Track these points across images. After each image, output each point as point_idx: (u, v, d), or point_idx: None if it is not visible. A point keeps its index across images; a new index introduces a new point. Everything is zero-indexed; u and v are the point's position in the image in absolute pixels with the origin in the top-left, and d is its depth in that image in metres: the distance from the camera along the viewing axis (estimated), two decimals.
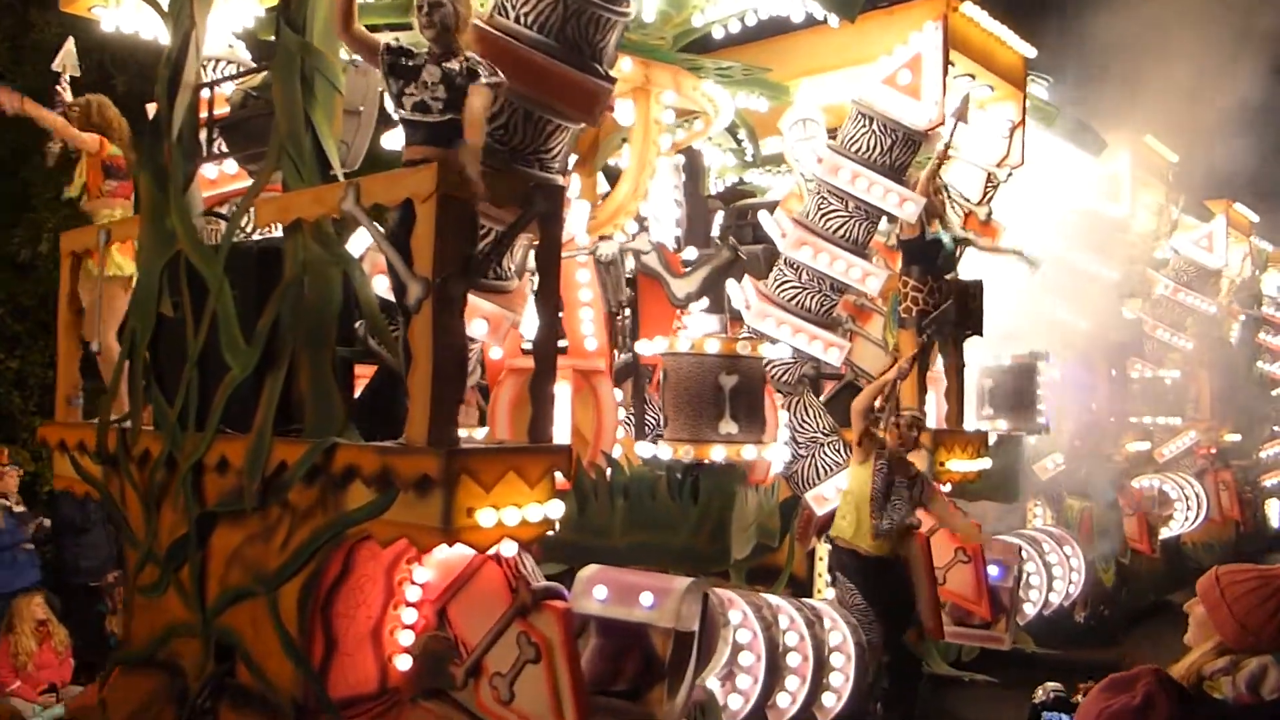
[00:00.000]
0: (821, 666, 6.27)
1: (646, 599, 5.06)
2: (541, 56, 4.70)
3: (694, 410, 6.23)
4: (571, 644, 4.52)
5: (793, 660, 6.19)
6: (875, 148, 7.38)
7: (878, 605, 6.90)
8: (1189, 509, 12.93)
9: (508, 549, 4.59)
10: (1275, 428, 18.16)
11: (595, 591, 5.16)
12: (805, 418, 7.78)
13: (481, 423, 6.67)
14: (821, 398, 8.38)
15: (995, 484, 9.73)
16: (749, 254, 8.17)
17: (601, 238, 7.11)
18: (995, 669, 9.24)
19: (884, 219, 7.82)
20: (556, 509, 4.44)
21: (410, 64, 4.39)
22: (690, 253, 7.57)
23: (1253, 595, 2.79)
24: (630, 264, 6.91)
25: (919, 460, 7.34)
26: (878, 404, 6.73)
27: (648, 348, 6.73)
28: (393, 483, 4.25)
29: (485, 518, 4.20)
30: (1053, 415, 11.21)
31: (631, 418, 7.32)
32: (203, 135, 5.48)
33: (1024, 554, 9.22)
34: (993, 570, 8.44)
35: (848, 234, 7.49)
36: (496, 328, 4.95)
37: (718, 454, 6.40)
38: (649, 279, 6.72)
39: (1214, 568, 2.97)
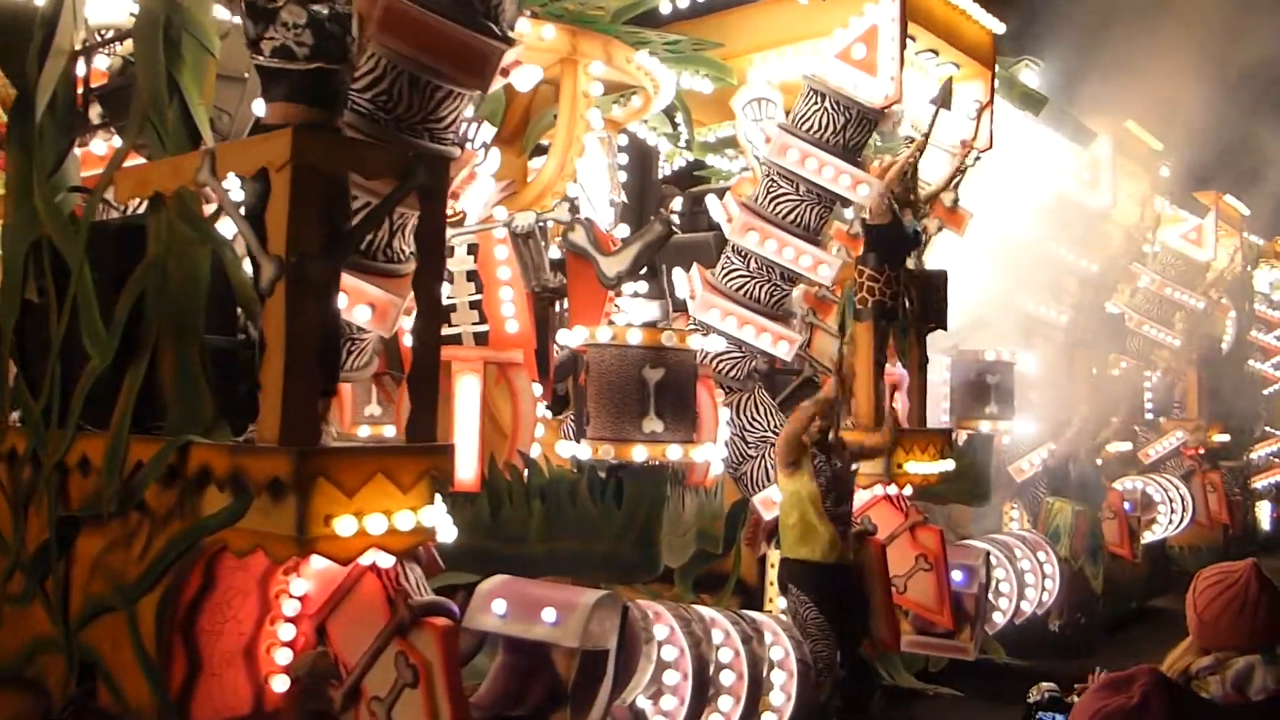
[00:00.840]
0: (758, 685, 5.81)
1: (549, 615, 4.61)
2: (425, 12, 4.23)
3: (616, 406, 5.78)
4: (453, 666, 4.05)
5: (726, 679, 5.72)
6: (828, 127, 6.90)
7: (832, 617, 6.45)
8: (1174, 512, 12.45)
9: (384, 559, 4.13)
10: (1267, 428, 17.69)
11: (494, 606, 4.71)
12: (755, 415, 7.31)
13: None
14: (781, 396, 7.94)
15: (967, 486, 9.31)
16: (699, 241, 7.72)
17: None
18: (964, 680, 8.78)
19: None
20: (433, 516, 3.99)
21: (269, 4, 3.90)
22: (624, 231, 7.11)
23: (1212, 590, 2.88)
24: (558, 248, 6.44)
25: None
26: (813, 430, 6.21)
27: (569, 337, 6.27)
28: (246, 486, 3.80)
29: (345, 526, 3.74)
30: (1031, 414, 10.81)
31: (573, 417, 6.86)
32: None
33: (992, 559, 8.77)
34: (957, 576, 7.99)
35: (799, 219, 7.02)
36: (383, 315, 4.50)
37: (639, 454, 5.94)
38: (579, 260, 6.24)
39: (1197, 572, 3.02)
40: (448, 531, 4.89)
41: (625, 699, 5.31)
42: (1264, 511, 17.63)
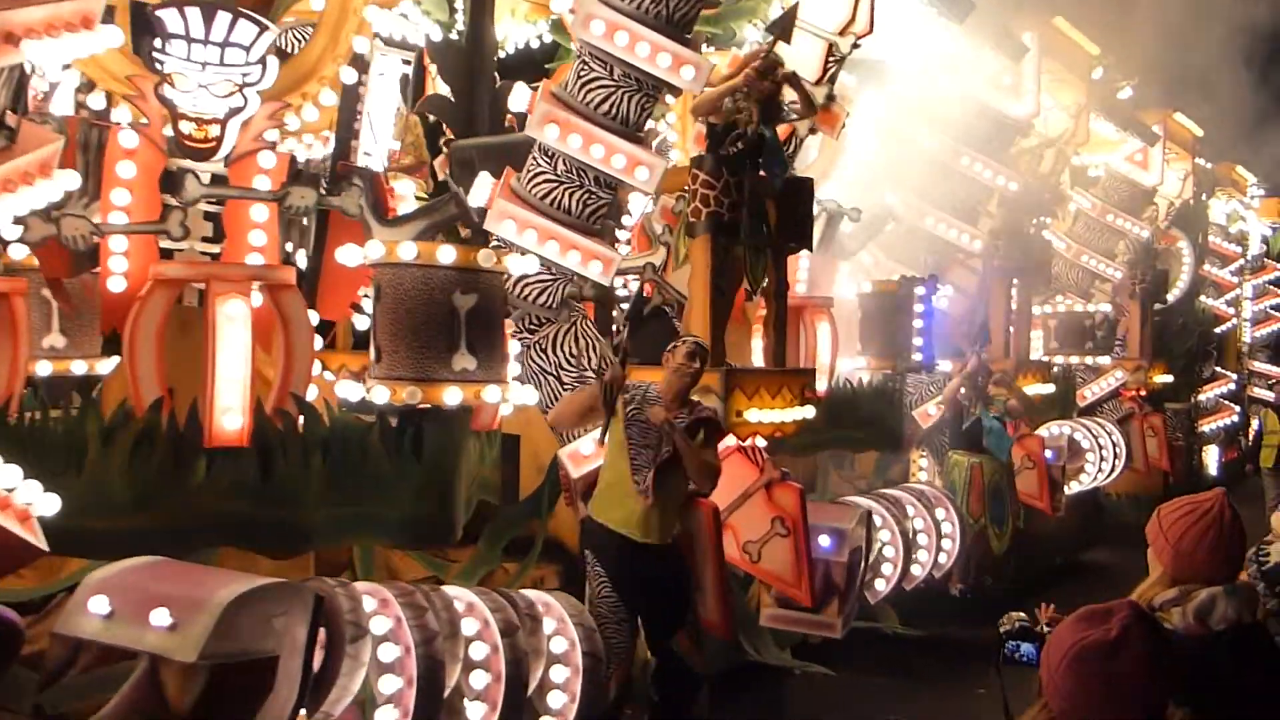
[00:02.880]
0: (520, 687, 4.62)
1: (160, 617, 3.38)
2: None
3: (418, 339, 4.62)
4: None
5: (477, 681, 4.54)
6: None
7: (637, 598, 5.27)
8: (1103, 460, 11.31)
9: None
10: (1218, 368, 16.60)
11: (93, 604, 3.47)
12: (574, 351, 6.07)
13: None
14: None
15: (880, 432, 8.19)
16: (518, 143, 6.41)
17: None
18: (850, 653, 7.68)
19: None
20: None
21: None
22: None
23: (1184, 521, 2.91)
24: None
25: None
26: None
27: (351, 255, 4.99)
28: None
29: None
30: (938, 351, 9.62)
31: None
32: None
33: (876, 519, 7.62)
34: (824, 542, 6.82)
35: (614, 110, 5.71)
36: None
37: (451, 397, 4.78)
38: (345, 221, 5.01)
39: (1157, 508, 3.02)
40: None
41: (327, 713, 4.13)
42: (1212, 456, 16.59)
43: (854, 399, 8.14)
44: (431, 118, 7.42)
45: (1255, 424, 14.92)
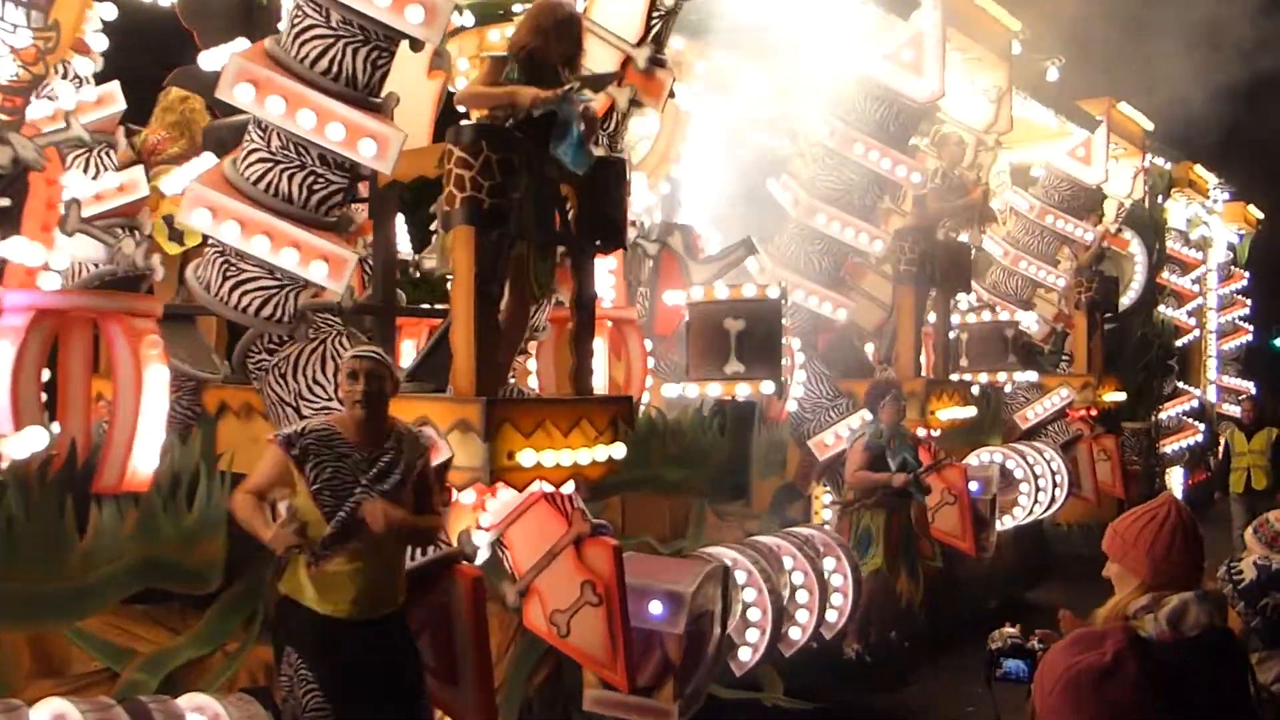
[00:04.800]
0: None
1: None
2: None
3: None
4: None
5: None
6: None
7: (349, 699, 3.96)
8: (1040, 490, 10.00)
9: None
10: (1179, 384, 15.32)
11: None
12: (318, 378, 4.78)
13: None
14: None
15: (708, 474, 6.92)
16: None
17: None
18: None
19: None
20: None
21: None
22: None
23: (1147, 529, 2.91)
24: None
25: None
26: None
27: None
28: None
29: None
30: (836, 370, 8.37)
31: None
32: None
33: (738, 576, 6.32)
34: (654, 608, 5.53)
35: (335, 66, 4.42)
36: None
37: None
38: None
39: (1110, 525, 3.02)
40: None
41: None
42: (1176, 479, 15.31)
43: (673, 431, 6.85)
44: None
45: (1224, 443, 13.66)
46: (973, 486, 8.93)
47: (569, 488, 5.08)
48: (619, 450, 5.02)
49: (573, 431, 4.83)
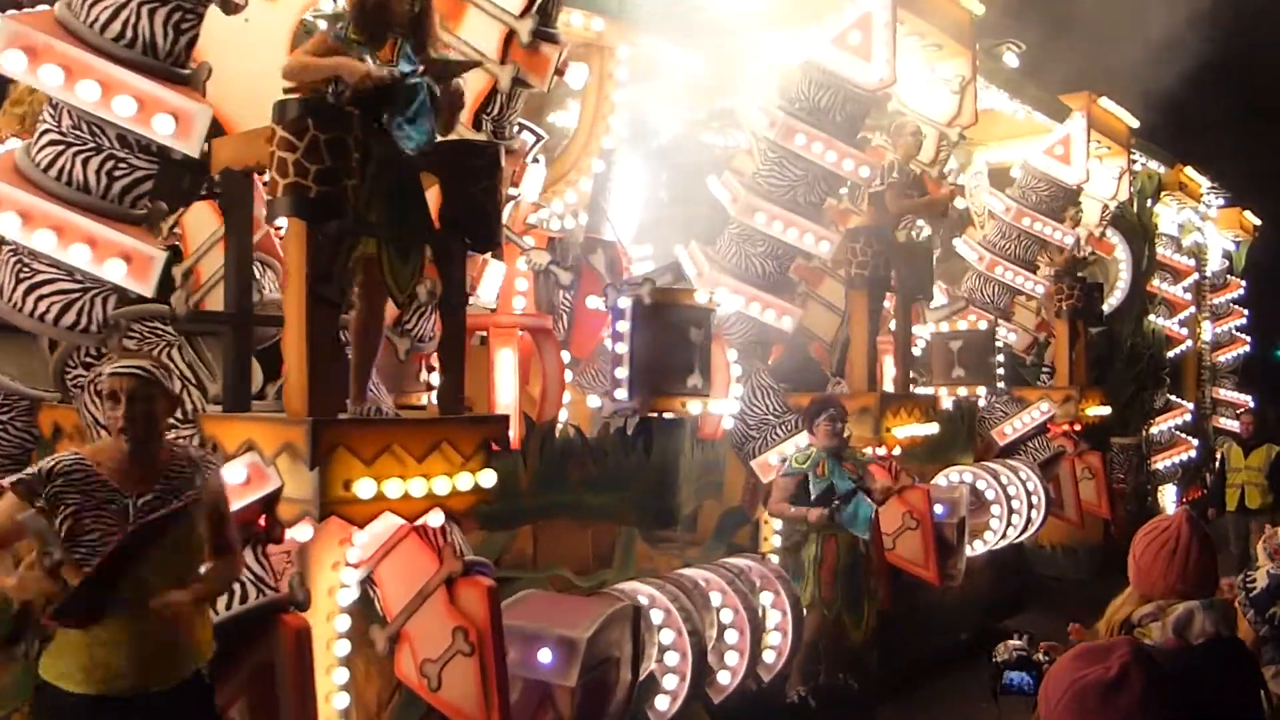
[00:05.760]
0: None
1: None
2: None
3: None
4: None
5: None
6: None
7: None
8: (1013, 512, 9.29)
9: None
10: (1171, 397, 14.58)
11: None
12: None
13: None
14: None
15: (627, 502, 6.29)
16: None
17: None
18: None
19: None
20: None
21: None
22: None
23: (1146, 539, 3.06)
24: None
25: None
26: None
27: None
28: None
29: None
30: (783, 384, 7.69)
31: None
32: None
33: (654, 616, 5.63)
34: (544, 657, 4.86)
35: (130, 31, 3.77)
36: None
37: None
38: None
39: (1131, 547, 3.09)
40: None
41: None
42: (1168, 496, 14.56)
43: (593, 451, 6.21)
44: None
45: (1220, 457, 12.96)
46: (938, 509, 8.24)
47: (436, 519, 4.41)
48: (487, 478, 4.34)
49: (430, 457, 4.16)
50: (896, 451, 7.98)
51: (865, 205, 7.95)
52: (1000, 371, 9.95)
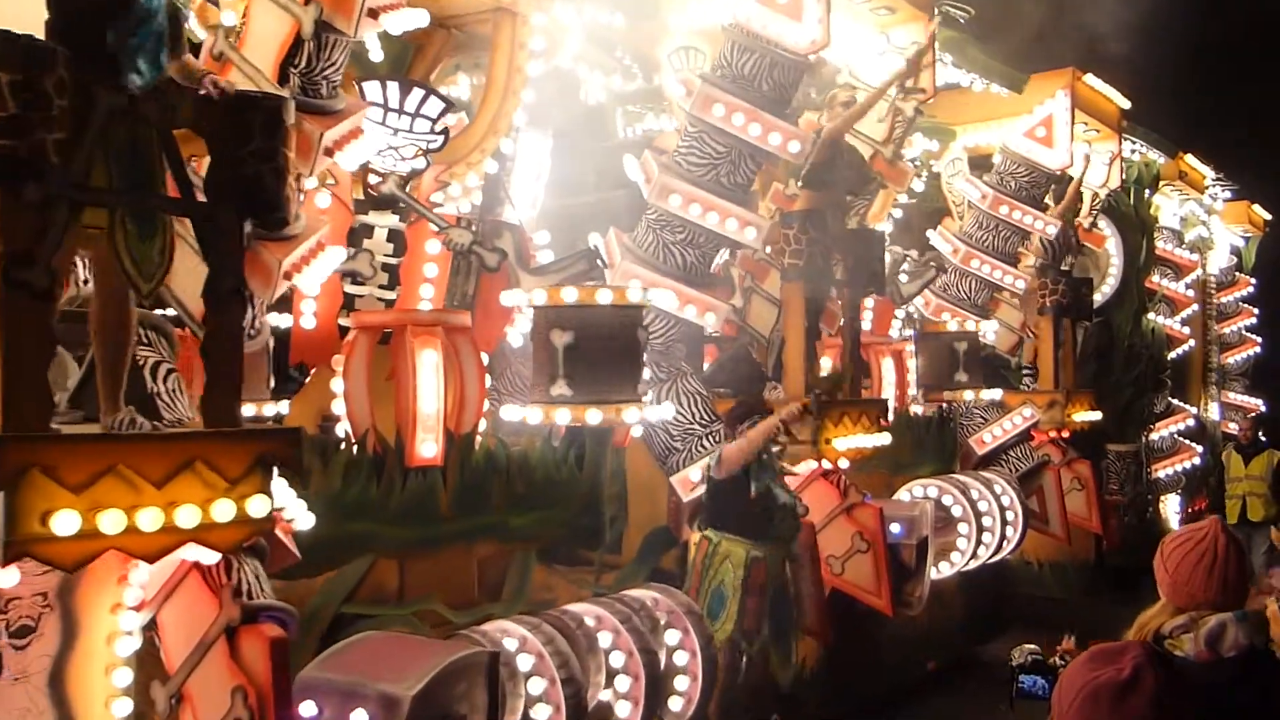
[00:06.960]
0: None
1: None
2: None
3: None
4: None
5: None
6: None
7: None
8: (983, 529, 8.36)
9: None
10: (1173, 400, 13.61)
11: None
12: None
13: None
14: None
15: (559, 519, 5.54)
16: None
17: None
18: None
19: None
20: None
21: None
22: None
23: (1180, 550, 2.91)
24: None
25: None
26: None
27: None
28: None
29: None
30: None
31: None
32: None
33: (520, 663, 4.76)
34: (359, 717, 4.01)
35: None
36: None
37: None
38: None
39: (1161, 540, 3.01)
40: None
41: None
42: (1172, 507, 13.58)
43: (519, 467, 5.42)
44: None
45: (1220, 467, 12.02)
46: (894, 529, 7.36)
47: (206, 556, 3.58)
48: (259, 505, 3.49)
49: (175, 480, 3.32)
50: (843, 464, 7.11)
51: (799, 186, 7.08)
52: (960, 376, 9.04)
